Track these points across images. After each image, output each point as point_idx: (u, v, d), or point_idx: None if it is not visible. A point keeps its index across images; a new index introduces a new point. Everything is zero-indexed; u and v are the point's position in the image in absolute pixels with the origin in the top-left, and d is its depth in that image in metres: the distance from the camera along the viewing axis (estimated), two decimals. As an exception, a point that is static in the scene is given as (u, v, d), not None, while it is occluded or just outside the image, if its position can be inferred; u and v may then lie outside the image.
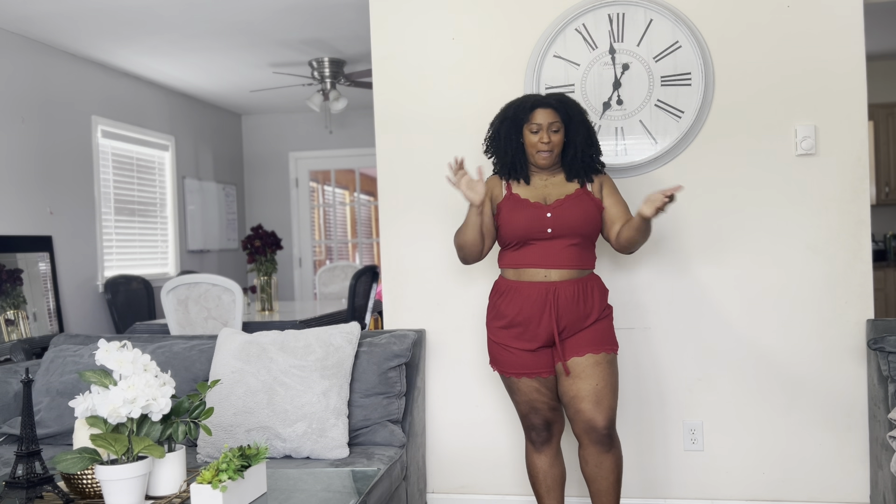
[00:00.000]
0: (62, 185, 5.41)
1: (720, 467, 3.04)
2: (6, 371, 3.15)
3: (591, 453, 2.54)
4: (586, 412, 2.50)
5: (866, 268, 2.94)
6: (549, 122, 2.53)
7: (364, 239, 8.43)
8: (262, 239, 5.24)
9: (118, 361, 2.01)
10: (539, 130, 2.53)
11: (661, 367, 3.07)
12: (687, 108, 2.99)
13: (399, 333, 2.96)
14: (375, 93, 3.26)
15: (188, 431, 2.07)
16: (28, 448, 2.07)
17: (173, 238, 6.93)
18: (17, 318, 4.83)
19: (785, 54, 2.95)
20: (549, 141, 2.53)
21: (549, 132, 2.53)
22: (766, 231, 2.99)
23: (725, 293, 3.02)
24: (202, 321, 4.47)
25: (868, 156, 2.95)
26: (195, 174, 7.36)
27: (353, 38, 5.38)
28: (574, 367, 2.51)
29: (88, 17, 4.76)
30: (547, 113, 2.54)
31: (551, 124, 2.53)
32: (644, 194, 3.04)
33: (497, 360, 2.65)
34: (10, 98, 4.94)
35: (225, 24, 5.00)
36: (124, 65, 5.99)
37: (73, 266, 5.51)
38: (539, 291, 2.52)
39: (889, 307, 6.05)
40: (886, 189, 6.34)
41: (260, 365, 2.72)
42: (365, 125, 7.89)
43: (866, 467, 2.95)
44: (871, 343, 2.68)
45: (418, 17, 3.21)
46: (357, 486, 2.30)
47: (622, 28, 3.02)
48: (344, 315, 5.43)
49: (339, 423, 2.64)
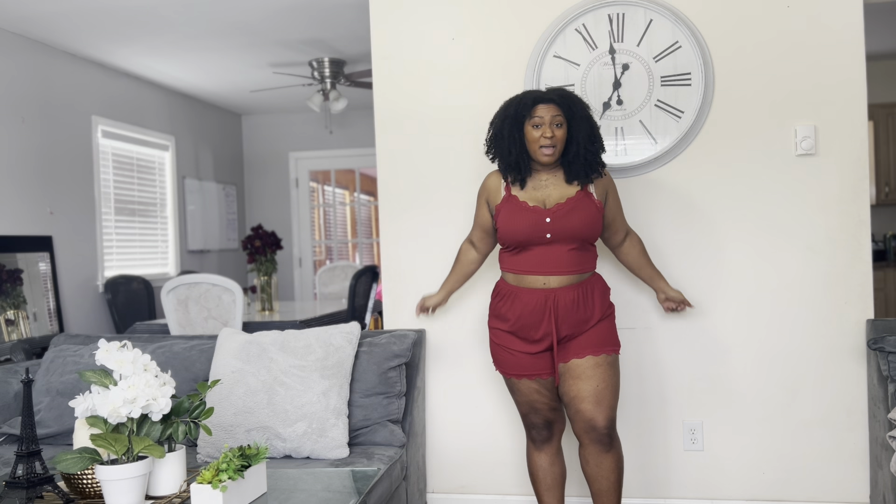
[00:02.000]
0: (62, 185, 5.41)
1: (720, 467, 3.04)
2: (6, 371, 3.15)
3: (591, 453, 2.54)
4: (586, 412, 2.50)
5: (866, 268, 2.94)
6: (552, 115, 2.46)
7: (364, 239, 8.43)
8: (262, 239, 5.24)
9: (118, 361, 2.01)
10: (541, 125, 2.46)
11: (661, 367, 3.07)
12: (687, 108, 2.99)
13: (399, 333, 2.96)
14: (375, 93, 3.26)
15: (188, 431, 2.07)
16: (28, 448, 2.07)
17: (173, 238, 6.93)
18: (17, 318, 4.83)
19: (785, 54, 2.95)
20: (552, 136, 2.45)
21: (551, 127, 2.46)
22: (766, 231, 2.99)
23: (725, 293, 3.02)
24: (202, 321, 4.47)
25: (868, 156, 2.95)
26: (195, 174, 7.36)
27: (353, 38, 5.38)
28: (575, 368, 2.50)
29: (88, 17, 4.76)
30: (549, 108, 2.47)
31: (554, 117, 2.46)
32: (644, 195, 3.04)
33: (498, 361, 2.65)
34: (10, 98, 4.94)
35: (225, 24, 5.00)
36: (124, 65, 5.99)
37: (73, 266, 5.51)
38: (538, 299, 2.51)
39: (889, 307, 6.05)
40: (886, 189, 6.34)
41: (260, 365, 2.72)
42: (365, 125, 7.89)
43: (866, 467, 2.95)
44: (871, 343, 2.68)
45: (418, 17, 3.21)
46: (357, 486, 2.30)
47: (622, 28, 3.02)
48: (344, 315, 5.43)
49: (339, 423, 2.64)
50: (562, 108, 2.48)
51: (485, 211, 2.67)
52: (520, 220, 2.50)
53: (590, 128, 2.51)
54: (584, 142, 2.49)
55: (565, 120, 2.49)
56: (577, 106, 2.51)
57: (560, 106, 2.48)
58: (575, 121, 2.49)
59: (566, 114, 2.48)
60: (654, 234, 3.05)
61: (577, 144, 2.49)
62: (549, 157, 2.48)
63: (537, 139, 2.47)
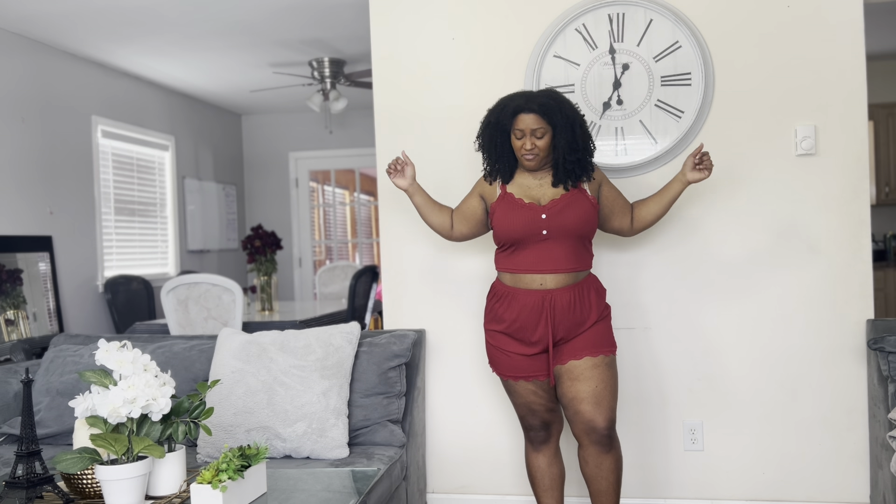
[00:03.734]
0: (62, 185, 5.41)
1: (720, 467, 3.04)
2: (6, 371, 3.15)
3: (590, 454, 2.54)
4: (586, 413, 2.49)
5: (866, 268, 2.94)
6: (533, 128, 2.46)
7: (364, 239, 8.43)
8: (262, 239, 5.24)
9: (118, 361, 2.01)
10: (523, 137, 2.48)
11: (661, 367, 3.07)
12: (687, 108, 2.99)
13: (399, 333, 2.96)
14: (375, 93, 3.26)
15: (188, 431, 2.07)
16: (28, 448, 2.07)
17: (173, 238, 6.93)
18: (17, 318, 4.83)
19: (785, 54, 2.95)
20: (532, 147, 2.47)
21: (531, 138, 2.47)
22: (765, 231, 2.99)
23: (725, 293, 3.02)
24: (202, 321, 4.48)
25: (868, 156, 2.95)
26: (195, 174, 7.36)
27: (353, 38, 5.38)
28: (573, 369, 2.50)
29: (88, 17, 4.76)
30: (529, 118, 2.45)
31: (534, 130, 2.46)
32: (644, 195, 3.04)
33: (494, 363, 2.64)
34: (10, 98, 4.94)
35: (225, 24, 5.00)
36: (124, 65, 5.99)
37: (73, 266, 5.51)
38: (535, 299, 2.50)
39: (889, 307, 6.05)
40: (886, 189, 6.34)
41: (260, 365, 2.72)
42: (365, 125, 7.89)
43: (866, 467, 2.95)
44: (871, 343, 2.68)
45: (418, 17, 3.21)
46: (357, 486, 2.30)
47: (622, 28, 3.02)
48: (344, 315, 5.43)
49: (339, 423, 2.64)
50: (543, 117, 2.46)
51: (474, 201, 2.68)
52: (515, 218, 2.51)
53: (571, 136, 2.48)
54: (563, 151, 2.48)
55: (549, 127, 2.47)
56: (558, 115, 2.46)
57: (542, 116, 2.46)
58: (557, 130, 2.47)
59: (548, 122, 2.47)
60: (654, 235, 3.04)
61: (557, 153, 2.49)
62: (532, 164, 2.51)
63: (519, 148, 2.51)
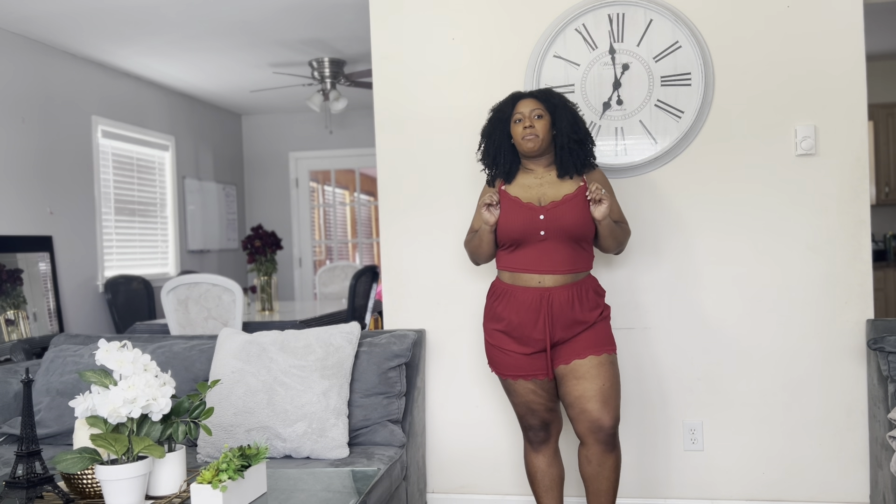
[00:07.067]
0: (62, 185, 5.41)
1: (720, 467, 3.04)
2: (6, 371, 3.15)
3: (594, 453, 2.53)
4: (593, 412, 2.49)
5: (866, 268, 2.94)
6: (531, 108, 2.57)
7: (364, 239, 8.43)
8: (262, 239, 5.24)
9: (118, 361, 2.01)
10: (522, 119, 2.57)
11: (661, 368, 3.07)
12: (687, 108, 2.99)
13: (399, 333, 2.96)
14: (375, 93, 3.26)
15: (188, 431, 2.07)
16: (28, 448, 2.07)
17: (173, 238, 6.93)
18: (17, 318, 4.83)
19: (785, 54, 2.95)
20: (531, 126, 2.55)
21: (531, 118, 2.56)
22: (765, 231, 2.99)
23: (725, 293, 3.02)
24: (202, 321, 4.48)
25: (868, 156, 2.95)
26: (195, 174, 7.36)
27: (353, 38, 5.38)
28: (577, 368, 2.50)
29: (88, 17, 4.76)
30: (528, 102, 2.58)
31: (533, 111, 2.56)
32: (644, 195, 3.04)
33: (493, 362, 2.64)
34: (10, 98, 4.94)
35: (225, 24, 5.00)
36: (124, 65, 5.99)
37: (73, 266, 5.51)
38: (533, 298, 2.51)
39: (889, 307, 6.05)
40: (886, 189, 6.34)
41: (260, 365, 2.72)
42: (365, 125, 7.89)
43: (866, 467, 2.95)
44: (871, 343, 2.68)
45: (418, 17, 3.21)
46: (357, 486, 2.30)
47: (622, 28, 3.02)
48: (344, 315, 5.43)
49: (339, 423, 2.64)
50: (541, 101, 2.59)
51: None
52: (514, 217, 2.52)
53: (572, 117, 2.59)
54: (566, 130, 2.57)
55: (546, 112, 2.57)
56: (557, 97, 2.61)
57: (539, 99, 2.59)
58: (557, 111, 2.58)
59: (547, 106, 2.58)
60: (654, 235, 3.04)
61: (561, 135, 2.57)
62: (532, 144, 2.56)
63: (520, 132, 2.57)
